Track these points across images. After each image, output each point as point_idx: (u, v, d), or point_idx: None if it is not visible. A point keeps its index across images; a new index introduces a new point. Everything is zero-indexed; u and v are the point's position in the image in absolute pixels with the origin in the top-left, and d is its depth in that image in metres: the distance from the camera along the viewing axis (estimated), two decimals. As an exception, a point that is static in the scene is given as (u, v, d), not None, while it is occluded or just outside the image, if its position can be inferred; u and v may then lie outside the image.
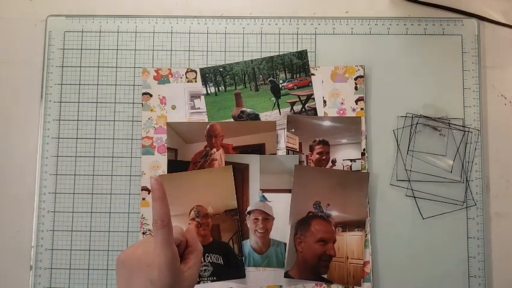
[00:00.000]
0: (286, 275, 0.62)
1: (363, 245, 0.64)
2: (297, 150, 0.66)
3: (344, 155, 0.66)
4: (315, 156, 0.66)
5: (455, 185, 0.66)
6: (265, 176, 0.65)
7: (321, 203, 0.64)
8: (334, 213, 0.64)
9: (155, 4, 0.71)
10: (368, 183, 0.64)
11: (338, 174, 0.65)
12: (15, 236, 0.67)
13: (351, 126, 0.67)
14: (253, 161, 0.66)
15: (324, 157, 0.66)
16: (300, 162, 0.66)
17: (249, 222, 0.65)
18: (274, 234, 0.65)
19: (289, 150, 0.66)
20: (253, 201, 0.65)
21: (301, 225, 0.64)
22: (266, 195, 0.65)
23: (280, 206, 0.65)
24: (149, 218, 0.66)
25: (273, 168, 0.65)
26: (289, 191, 0.65)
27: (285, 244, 0.64)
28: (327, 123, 0.67)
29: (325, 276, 0.63)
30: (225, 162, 0.66)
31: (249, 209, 0.65)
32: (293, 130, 0.67)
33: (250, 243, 0.65)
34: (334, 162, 0.66)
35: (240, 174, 0.66)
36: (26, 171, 0.68)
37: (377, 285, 0.65)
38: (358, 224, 0.64)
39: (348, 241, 0.64)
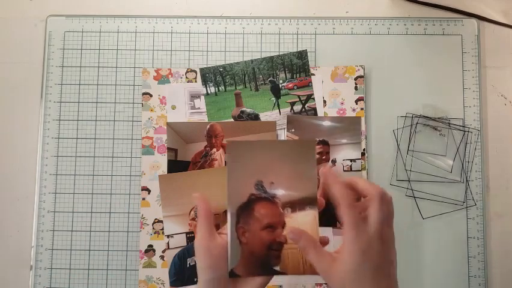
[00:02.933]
0: (232, 274, 0.50)
1: (317, 225, 0.52)
2: None
3: (344, 155, 0.66)
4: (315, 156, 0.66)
5: (455, 185, 0.66)
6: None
7: (264, 182, 0.53)
8: (280, 192, 0.53)
9: (155, 4, 0.71)
10: (315, 151, 0.54)
11: (279, 145, 0.54)
12: (15, 236, 0.67)
13: (351, 126, 0.67)
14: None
15: (324, 157, 0.66)
16: None
17: None
18: None
19: None
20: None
21: (242, 212, 0.52)
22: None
23: None
24: (149, 218, 0.66)
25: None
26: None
27: None
28: (327, 123, 0.67)
29: (277, 268, 0.52)
30: (225, 162, 0.66)
31: None
32: (293, 130, 0.67)
33: None
34: (334, 162, 0.66)
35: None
36: (26, 171, 0.68)
37: (377, 285, 0.65)
38: (309, 201, 0.52)
39: (300, 223, 0.52)
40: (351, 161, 0.66)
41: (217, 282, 0.46)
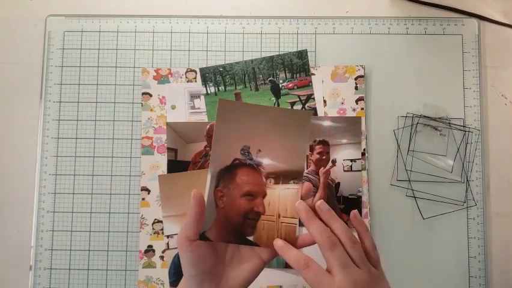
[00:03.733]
0: (203, 237, 0.48)
1: (298, 199, 0.50)
2: None
3: (344, 155, 0.66)
4: (315, 156, 0.66)
5: (456, 185, 0.66)
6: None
7: (251, 148, 0.50)
8: (266, 161, 0.50)
9: (155, 4, 0.71)
10: (309, 124, 0.51)
11: (273, 112, 0.51)
12: (15, 236, 0.67)
13: (351, 126, 0.66)
14: None
15: (324, 157, 0.66)
16: None
17: None
18: None
19: None
20: None
21: (224, 175, 0.49)
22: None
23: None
24: (148, 218, 0.66)
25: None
26: None
27: None
28: (327, 123, 0.67)
29: (251, 238, 0.49)
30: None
31: None
32: None
33: None
34: (334, 162, 0.66)
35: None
36: (25, 171, 0.68)
37: (377, 286, 0.65)
38: (294, 175, 0.50)
39: (281, 196, 0.50)
40: (351, 161, 0.66)
41: (200, 278, 0.46)
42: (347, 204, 0.65)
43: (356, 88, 0.67)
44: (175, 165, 0.66)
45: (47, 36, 0.70)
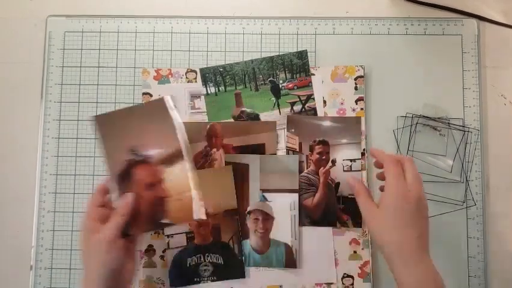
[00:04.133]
0: (124, 234, 0.54)
1: (195, 172, 0.59)
2: (297, 150, 0.66)
3: (344, 155, 0.66)
4: (315, 156, 0.66)
5: (455, 185, 0.66)
6: (265, 176, 0.66)
7: (137, 146, 0.58)
8: (152, 153, 0.58)
9: (155, 4, 0.71)
10: (168, 110, 0.59)
11: (139, 111, 0.60)
12: (15, 236, 0.67)
13: (351, 126, 0.67)
14: (253, 161, 0.66)
15: (324, 157, 0.66)
16: (300, 162, 0.66)
17: (249, 222, 0.65)
18: (274, 234, 0.65)
19: (289, 150, 0.66)
20: (253, 201, 0.65)
21: (124, 179, 0.58)
22: (266, 195, 0.65)
23: (281, 205, 0.65)
24: (149, 218, 0.66)
25: (273, 168, 0.66)
26: (289, 190, 0.65)
27: (285, 244, 0.64)
28: (327, 123, 0.67)
29: (166, 221, 0.58)
30: (225, 162, 0.66)
31: (249, 209, 0.65)
32: (293, 130, 0.67)
33: (251, 243, 0.65)
34: (334, 162, 0.66)
35: (240, 174, 0.66)
36: (26, 171, 0.68)
37: (377, 285, 0.65)
38: (176, 155, 0.59)
39: (177, 175, 0.59)
40: (351, 161, 0.66)
41: (107, 276, 0.52)
42: (346, 204, 0.65)
43: (356, 88, 0.68)
44: (176, 165, 0.66)
45: (47, 36, 0.70)
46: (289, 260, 0.64)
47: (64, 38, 0.70)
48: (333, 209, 0.65)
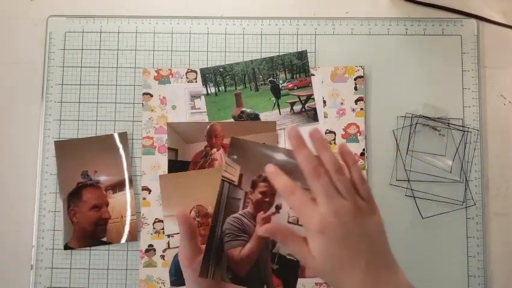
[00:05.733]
0: (66, 247, 0.65)
1: (134, 201, 0.66)
2: (235, 183, 0.49)
3: None
4: (257, 195, 0.49)
5: (455, 185, 0.66)
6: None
7: (89, 171, 0.66)
8: (102, 178, 0.67)
9: (155, 5, 0.71)
10: (127, 143, 0.67)
11: (96, 141, 0.67)
12: (15, 236, 0.67)
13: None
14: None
15: (267, 199, 0.49)
16: (236, 199, 0.49)
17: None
18: None
19: (224, 181, 0.49)
20: None
21: (73, 198, 0.66)
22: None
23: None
24: (149, 217, 0.66)
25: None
26: None
27: None
28: (281, 156, 0.49)
29: (104, 239, 0.66)
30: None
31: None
32: (235, 157, 0.49)
33: None
34: (278, 208, 0.49)
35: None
36: (26, 171, 0.68)
37: (376, 285, 0.65)
38: (121, 183, 0.67)
39: (119, 201, 0.66)
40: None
41: None
42: (281, 266, 0.49)
43: (356, 88, 0.68)
44: (176, 165, 0.67)
45: (48, 36, 0.70)
46: None
47: (64, 38, 0.70)
48: (264, 268, 0.49)
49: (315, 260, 0.40)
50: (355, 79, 0.68)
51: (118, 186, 0.67)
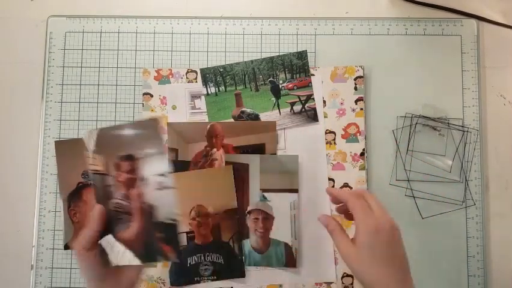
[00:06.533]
0: (66, 247, 0.65)
1: None
2: (105, 172, 0.51)
3: (152, 170, 0.51)
4: (124, 175, 0.51)
5: (455, 185, 0.66)
6: (265, 175, 0.66)
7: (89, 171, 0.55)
8: None
9: (155, 5, 0.71)
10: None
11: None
12: (16, 236, 0.67)
13: (149, 132, 0.52)
14: (253, 161, 0.66)
15: (133, 176, 0.51)
16: (107, 186, 0.51)
17: (249, 222, 0.65)
18: (274, 234, 0.65)
19: (95, 174, 0.51)
20: (253, 200, 0.66)
21: (73, 197, 0.66)
22: (266, 194, 0.66)
23: (281, 205, 0.65)
24: (149, 217, 0.66)
25: (273, 168, 0.66)
26: (289, 190, 0.65)
27: (285, 244, 0.65)
28: (129, 131, 0.52)
29: None
30: (225, 162, 0.66)
31: (249, 208, 0.66)
32: (96, 149, 0.52)
33: (251, 242, 0.65)
34: (144, 180, 0.51)
35: (240, 174, 0.66)
36: (26, 171, 0.68)
37: (376, 285, 0.65)
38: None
39: None
40: (161, 176, 0.51)
41: (98, 279, 0.50)
42: (166, 232, 0.51)
43: (356, 88, 0.68)
44: (176, 165, 0.67)
45: (48, 36, 0.70)
46: (289, 259, 0.65)
47: (64, 38, 0.70)
48: (153, 240, 0.51)
49: (356, 249, 0.49)
50: (355, 79, 0.68)
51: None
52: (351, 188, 0.66)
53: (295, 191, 0.66)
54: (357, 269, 0.48)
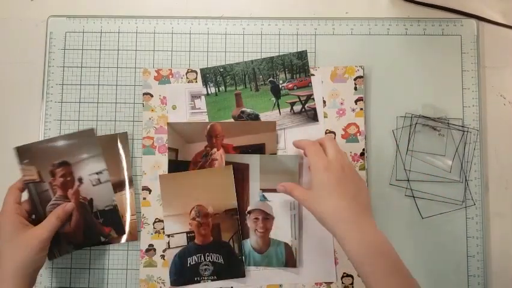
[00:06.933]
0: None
1: (134, 201, 0.66)
2: (38, 180, 0.63)
3: (89, 170, 0.65)
4: (59, 180, 0.64)
5: (454, 185, 0.66)
6: (265, 175, 0.66)
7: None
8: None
9: (155, 5, 0.71)
10: (127, 143, 0.67)
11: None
12: (16, 236, 0.67)
13: (84, 139, 0.65)
14: (253, 161, 0.66)
15: (69, 178, 0.64)
16: (44, 191, 0.63)
17: (249, 222, 0.65)
18: (274, 234, 0.65)
19: (29, 183, 0.63)
20: (254, 200, 0.66)
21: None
22: (266, 194, 0.66)
23: (281, 205, 0.65)
24: (149, 217, 0.66)
25: (273, 168, 0.66)
26: None
27: (285, 244, 0.65)
28: (62, 142, 0.65)
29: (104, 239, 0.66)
30: (225, 162, 0.66)
31: (249, 208, 0.66)
32: (27, 161, 0.64)
33: (251, 242, 0.65)
34: (81, 180, 0.64)
35: (241, 173, 0.66)
36: (27, 171, 0.68)
37: (376, 285, 0.65)
38: (124, 183, 0.67)
39: (120, 201, 0.66)
40: (97, 174, 0.65)
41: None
42: (105, 216, 0.65)
43: (355, 88, 0.68)
44: (176, 165, 0.67)
45: (48, 36, 0.70)
46: (289, 259, 0.64)
47: (64, 38, 0.70)
48: (93, 226, 0.64)
49: (310, 191, 0.55)
50: (355, 79, 0.68)
51: (118, 186, 0.66)
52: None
53: None
54: (312, 205, 0.54)
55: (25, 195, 0.63)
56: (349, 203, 0.52)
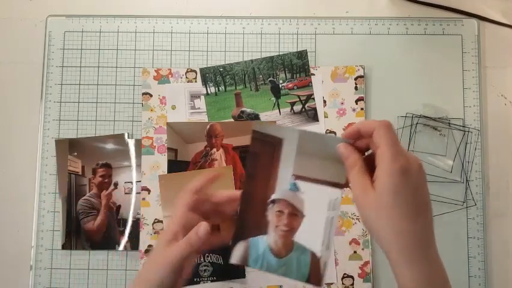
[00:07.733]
0: (64, 247, 0.66)
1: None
2: (80, 173, 0.67)
3: (125, 178, 0.67)
4: (98, 179, 0.67)
5: (455, 185, 0.66)
6: (302, 158, 0.46)
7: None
8: None
9: (155, 4, 0.71)
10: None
11: (96, 140, 0.68)
12: (15, 236, 0.67)
13: (129, 149, 0.68)
14: (289, 135, 0.46)
15: (106, 180, 0.67)
16: (82, 185, 0.67)
17: (270, 214, 0.46)
18: (300, 237, 0.46)
19: (71, 174, 0.67)
20: (281, 188, 0.46)
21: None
22: (299, 183, 0.46)
23: (316, 201, 0.46)
24: (149, 218, 0.66)
25: (313, 150, 0.46)
26: (331, 184, 0.46)
27: (312, 253, 0.45)
28: (110, 145, 0.68)
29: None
30: (253, 131, 0.47)
31: (273, 196, 0.46)
32: (75, 154, 0.67)
33: (268, 240, 0.46)
34: (116, 185, 0.67)
35: (270, 149, 0.46)
36: (26, 171, 0.68)
37: (377, 285, 0.65)
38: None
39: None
40: (131, 183, 0.67)
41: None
42: (126, 227, 0.66)
43: (356, 88, 0.68)
44: (175, 165, 0.66)
45: (47, 36, 0.70)
46: (314, 274, 0.46)
47: (63, 38, 0.70)
48: (114, 232, 0.66)
49: (372, 193, 0.40)
50: (355, 79, 0.68)
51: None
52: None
53: (340, 186, 0.45)
54: (372, 217, 0.40)
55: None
56: (420, 228, 0.39)
